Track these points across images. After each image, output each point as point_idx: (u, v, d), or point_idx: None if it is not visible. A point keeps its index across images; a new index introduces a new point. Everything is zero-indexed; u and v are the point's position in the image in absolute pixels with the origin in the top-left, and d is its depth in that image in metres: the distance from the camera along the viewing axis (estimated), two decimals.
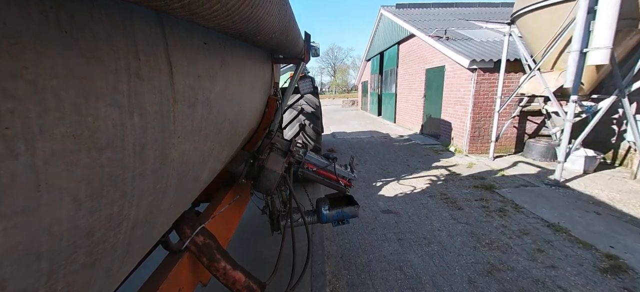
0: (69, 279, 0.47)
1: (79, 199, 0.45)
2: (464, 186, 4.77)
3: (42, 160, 0.38)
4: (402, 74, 11.94)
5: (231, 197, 1.69)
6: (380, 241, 3.18)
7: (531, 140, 6.50)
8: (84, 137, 0.44)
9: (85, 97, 0.44)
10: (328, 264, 2.76)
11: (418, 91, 9.97)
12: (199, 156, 0.91)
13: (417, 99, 10.09)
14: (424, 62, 9.40)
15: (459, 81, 7.20)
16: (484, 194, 4.40)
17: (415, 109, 10.43)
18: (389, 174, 5.59)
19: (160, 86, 0.63)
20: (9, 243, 0.36)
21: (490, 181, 4.93)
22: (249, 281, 1.34)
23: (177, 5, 0.49)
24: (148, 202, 0.66)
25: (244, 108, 1.36)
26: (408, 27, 10.41)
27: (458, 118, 7.33)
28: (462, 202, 4.13)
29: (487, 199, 4.16)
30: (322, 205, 2.26)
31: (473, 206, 3.96)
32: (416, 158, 6.75)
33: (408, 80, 11.12)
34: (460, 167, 5.92)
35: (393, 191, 4.69)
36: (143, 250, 0.79)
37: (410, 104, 11.00)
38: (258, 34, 0.96)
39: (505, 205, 3.96)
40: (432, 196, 4.40)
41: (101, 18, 0.47)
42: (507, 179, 5.06)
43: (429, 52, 8.89)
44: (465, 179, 5.10)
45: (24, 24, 0.35)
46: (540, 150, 6.12)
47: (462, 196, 4.36)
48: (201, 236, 1.21)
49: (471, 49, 7.23)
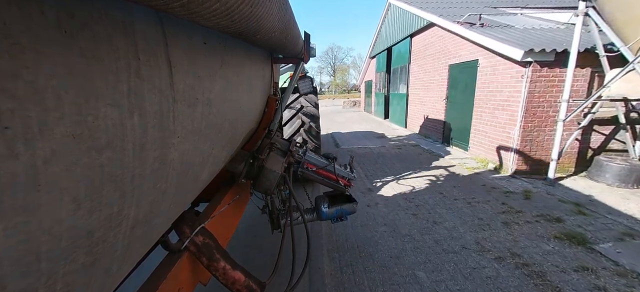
0: (68, 279, 0.47)
1: (78, 199, 0.45)
2: (538, 235, 3.14)
3: (41, 160, 0.38)
4: (415, 71, 10.29)
5: (231, 197, 1.69)
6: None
7: (602, 157, 4.82)
8: (84, 137, 0.44)
9: (85, 97, 0.44)
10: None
11: (437, 92, 8.40)
12: (199, 155, 0.91)
13: (436, 102, 8.48)
14: (447, 56, 7.69)
15: (502, 79, 5.56)
16: (578, 254, 2.79)
17: (433, 112, 8.81)
18: (419, 210, 3.87)
19: (160, 86, 0.63)
20: (8, 243, 0.36)
21: (571, 226, 3.32)
22: (248, 281, 1.34)
23: (177, 4, 0.49)
24: (148, 202, 0.66)
25: (243, 108, 1.36)
26: (426, 15, 8.68)
27: (499, 127, 5.71)
28: (555, 277, 2.48)
29: (593, 269, 2.56)
30: (321, 203, 2.29)
31: (580, 289, 2.35)
32: (450, 182, 4.95)
33: (423, 79, 9.52)
34: (515, 197, 4.20)
35: (435, 254, 2.88)
36: (142, 250, 0.78)
37: (426, 107, 9.40)
38: (258, 33, 0.96)
39: (633, 285, 2.37)
40: (500, 258, 2.76)
41: (101, 18, 0.47)
42: (594, 221, 3.42)
43: (454, 44, 7.26)
44: (535, 221, 3.46)
45: (23, 23, 0.35)
46: (617, 172, 4.53)
47: (548, 260, 2.72)
48: (201, 236, 1.21)
49: (521, 38, 5.53)
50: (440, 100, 8.23)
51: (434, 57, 8.59)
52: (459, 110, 7.33)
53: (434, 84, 8.70)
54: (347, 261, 2.86)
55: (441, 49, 8.14)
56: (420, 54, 9.80)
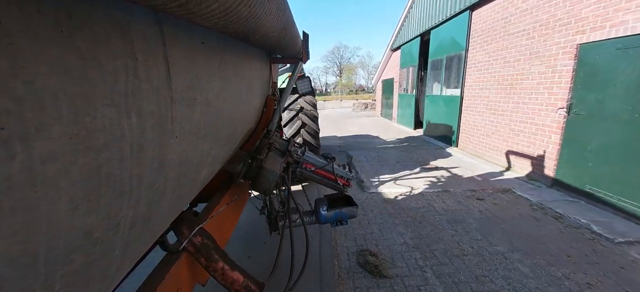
0: (66, 279, 0.47)
1: (76, 199, 0.45)
2: None
3: (39, 160, 0.38)
4: (478, 62, 6.71)
5: (229, 198, 1.69)
6: None
7: None
8: (82, 137, 0.44)
9: (83, 97, 0.44)
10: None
11: (537, 95, 4.89)
12: (197, 156, 0.91)
13: (538, 111, 4.88)
14: (568, 29, 4.25)
15: None
16: None
17: (528, 131, 5.14)
18: None
19: (158, 86, 0.63)
20: (6, 243, 0.36)
21: None
22: (247, 281, 1.34)
23: (175, 4, 0.49)
24: (146, 202, 0.66)
25: (242, 108, 1.36)
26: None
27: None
28: None
29: None
30: (320, 205, 2.26)
31: None
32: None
33: (500, 74, 5.90)
34: None
35: None
36: (141, 250, 0.78)
37: (505, 119, 5.77)
38: (256, 34, 0.96)
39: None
40: None
41: (99, 18, 0.47)
42: None
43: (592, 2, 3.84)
44: None
45: (21, 23, 0.35)
46: None
47: None
48: (199, 236, 1.21)
49: None
50: (551, 109, 4.60)
51: (529, 35, 5.08)
52: (610, 131, 3.72)
53: (528, 81, 5.11)
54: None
55: (550, 19, 4.58)
56: (491, 34, 6.21)
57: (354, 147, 8.20)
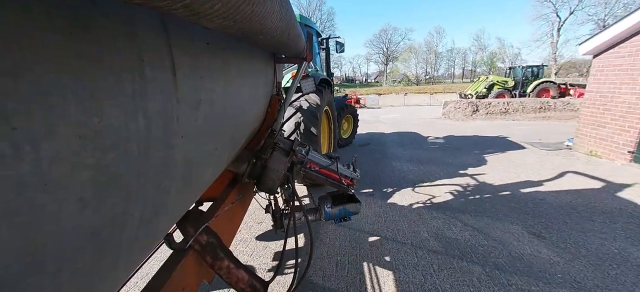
0: (74, 278, 0.48)
1: (84, 199, 0.45)
2: None
3: (47, 160, 0.39)
4: None
5: (234, 196, 1.70)
6: None
7: None
8: (89, 138, 0.45)
9: (90, 98, 0.45)
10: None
11: None
12: (202, 155, 0.91)
13: None
14: None
15: None
16: None
17: None
18: None
19: (163, 87, 0.63)
20: (15, 243, 0.37)
21: None
22: (252, 280, 1.35)
23: (179, 5, 0.49)
24: (152, 201, 0.66)
25: (246, 108, 1.37)
26: None
27: None
28: None
29: None
30: (324, 203, 2.27)
31: None
32: None
33: None
34: None
35: None
36: (147, 249, 0.79)
37: None
38: (260, 33, 0.96)
39: None
40: None
41: (105, 20, 0.48)
42: None
43: None
44: None
45: (29, 25, 0.36)
46: None
47: None
48: (205, 235, 1.22)
49: None
50: None
51: None
52: None
53: None
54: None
55: None
56: None
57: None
